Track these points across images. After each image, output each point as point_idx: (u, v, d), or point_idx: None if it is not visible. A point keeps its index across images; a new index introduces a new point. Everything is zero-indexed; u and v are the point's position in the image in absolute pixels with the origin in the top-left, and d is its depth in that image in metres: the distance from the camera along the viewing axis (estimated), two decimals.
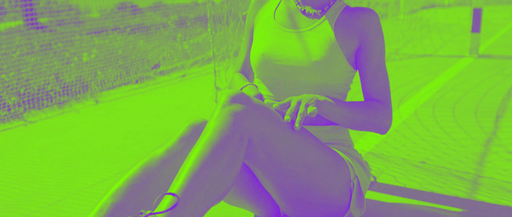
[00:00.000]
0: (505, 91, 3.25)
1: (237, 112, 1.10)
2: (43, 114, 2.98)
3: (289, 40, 1.32)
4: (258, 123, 1.11)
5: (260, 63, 1.34)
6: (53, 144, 2.41)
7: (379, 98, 1.32)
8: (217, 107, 1.12)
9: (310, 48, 1.28)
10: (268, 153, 1.14)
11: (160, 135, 2.50)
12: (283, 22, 1.36)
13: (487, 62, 4.46)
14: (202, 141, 1.07)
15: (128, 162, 2.12)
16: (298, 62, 1.28)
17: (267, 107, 1.15)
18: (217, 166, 1.05)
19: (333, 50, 1.27)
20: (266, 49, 1.33)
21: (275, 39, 1.34)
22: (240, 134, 1.09)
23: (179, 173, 1.05)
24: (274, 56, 1.32)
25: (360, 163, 1.36)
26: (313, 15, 1.33)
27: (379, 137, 2.34)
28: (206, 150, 1.05)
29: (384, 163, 1.99)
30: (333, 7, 1.33)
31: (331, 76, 1.28)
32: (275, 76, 1.33)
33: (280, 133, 1.14)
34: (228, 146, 1.06)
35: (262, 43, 1.35)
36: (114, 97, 3.38)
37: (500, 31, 7.03)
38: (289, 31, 1.33)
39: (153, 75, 4.05)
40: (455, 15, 9.40)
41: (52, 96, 3.24)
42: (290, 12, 1.37)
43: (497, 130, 2.43)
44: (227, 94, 1.13)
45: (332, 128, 1.35)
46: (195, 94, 3.41)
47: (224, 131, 1.07)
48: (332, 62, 1.27)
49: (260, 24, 1.41)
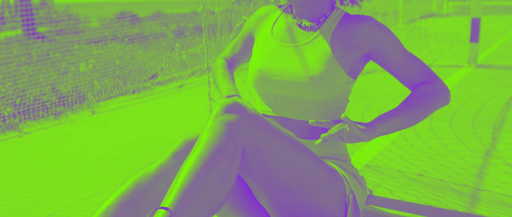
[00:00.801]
0: (503, 102, 3.24)
1: (230, 122, 1.08)
2: (38, 125, 2.96)
3: (286, 55, 1.30)
4: (253, 133, 1.10)
5: (257, 78, 1.33)
6: (48, 155, 2.39)
7: (422, 81, 1.29)
8: (211, 117, 1.10)
9: (306, 62, 1.27)
10: (262, 165, 1.12)
11: (156, 146, 2.48)
12: (280, 36, 1.35)
13: (486, 72, 4.45)
14: (195, 153, 1.05)
15: (123, 174, 2.10)
16: (295, 77, 1.27)
17: (262, 117, 1.13)
18: (211, 178, 1.03)
19: (330, 64, 1.26)
20: (263, 65, 1.32)
21: (272, 54, 1.33)
22: (234, 144, 1.07)
23: (172, 186, 1.03)
24: (270, 71, 1.31)
25: (356, 178, 1.34)
26: (309, 28, 1.32)
27: (375, 149, 2.32)
28: (199, 161, 1.04)
29: (380, 176, 1.97)
30: (330, 18, 1.32)
31: (330, 90, 1.26)
32: (272, 91, 1.31)
33: (275, 144, 1.12)
34: (221, 157, 1.05)
35: (259, 58, 1.34)
36: (110, 108, 3.36)
37: (499, 40, 7.04)
38: (285, 46, 1.32)
39: (151, 85, 4.04)
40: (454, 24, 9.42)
41: (48, 107, 3.22)
42: (288, 26, 1.36)
43: (495, 141, 2.41)
44: (220, 104, 1.11)
45: (328, 142, 1.33)
46: (192, 105, 3.40)
47: (217, 141, 1.06)
48: (330, 76, 1.25)
49: (259, 39, 1.40)
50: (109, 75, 3.98)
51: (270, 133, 1.12)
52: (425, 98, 1.25)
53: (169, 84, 4.13)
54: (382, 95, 3.54)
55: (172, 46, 5.74)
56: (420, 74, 1.29)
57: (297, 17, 1.35)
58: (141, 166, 2.20)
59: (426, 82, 1.29)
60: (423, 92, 1.26)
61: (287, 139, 1.15)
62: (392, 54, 1.28)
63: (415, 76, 1.29)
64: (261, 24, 1.45)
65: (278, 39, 1.35)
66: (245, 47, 1.54)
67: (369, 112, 3.05)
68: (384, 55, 1.28)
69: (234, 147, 1.07)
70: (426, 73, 1.29)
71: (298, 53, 1.29)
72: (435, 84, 1.28)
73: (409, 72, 1.29)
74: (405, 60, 1.29)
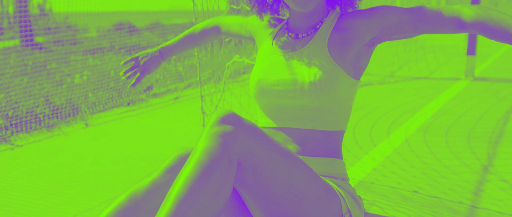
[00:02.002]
0: (499, 116, 3.22)
1: (226, 133, 1.05)
2: (31, 137, 2.93)
3: (284, 64, 1.29)
4: (248, 145, 1.07)
5: (258, 90, 1.31)
6: (40, 169, 2.36)
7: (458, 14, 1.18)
8: (206, 128, 1.08)
9: (305, 68, 1.24)
10: (258, 178, 1.10)
11: (149, 161, 2.46)
12: (279, 47, 1.34)
13: (483, 85, 4.44)
14: (189, 165, 1.03)
15: (115, 189, 2.07)
16: (295, 85, 1.24)
17: (258, 129, 1.11)
18: (205, 191, 1.01)
19: (329, 66, 1.23)
20: (262, 76, 1.31)
21: (271, 65, 1.31)
22: (229, 156, 1.04)
23: (165, 199, 1.01)
24: (270, 81, 1.29)
25: (353, 197, 1.31)
26: (307, 35, 1.31)
27: (369, 164, 2.30)
28: (194, 174, 1.01)
29: (373, 195, 1.94)
30: (326, 22, 1.30)
31: (332, 94, 1.23)
32: (274, 102, 1.29)
33: (272, 157, 1.10)
34: (216, 169, 1.02)
35: (259, 71, 1.33)
36: (104, 120, 3.34)
37: (496, 53, 7.04)
38: (283, 55, 1.31)
39: (146, 97, 4.02)
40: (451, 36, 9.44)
41: (41, 119, 3.20)
42: (286, 37, 1.35)
43: (491, 157, 2.39)
44: (216, 114, 1.09)
45: (327, 161, 1.30)
46: (187, 117, 3.37)
47: (212, 153, 1.03)
48: (330, 78, 1.22)
49: (260, 52, 1.39)
50: (103, 87, 3.96)
51: (266, 145, 1.10)
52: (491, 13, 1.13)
53: (164, 97, 4.11)
54: (375, 108, 3.52)
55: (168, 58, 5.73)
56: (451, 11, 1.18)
57: (292, 31, 1.34)
58: (133, 181, 2.17)
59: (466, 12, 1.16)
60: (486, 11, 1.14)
61: (284, 153, 1.13)
62: (398, 13, 1.22)
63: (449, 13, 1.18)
64: (264, 34, 1.44)
65: (277, 50, 1.34)
66: (238, 29, 1.58)
67: (361, 125, 3.03)
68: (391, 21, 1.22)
69: (229, 159, 1.05)
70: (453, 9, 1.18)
71: (296, 60, 1.27)
72: (472, 7, 1.16)
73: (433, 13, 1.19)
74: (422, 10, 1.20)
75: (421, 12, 1.21)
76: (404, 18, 1.23)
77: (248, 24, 1.53)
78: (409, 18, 1.22)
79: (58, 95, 3.64)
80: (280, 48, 1.33)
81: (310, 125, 1.27)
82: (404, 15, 1.23)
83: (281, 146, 1.14)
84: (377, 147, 2.57)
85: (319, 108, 1.25)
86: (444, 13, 1.20)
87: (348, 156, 2.42)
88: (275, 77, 1.28)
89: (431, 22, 1.21)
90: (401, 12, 1.23)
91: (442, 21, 1.19)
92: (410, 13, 1.22)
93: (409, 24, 1.22)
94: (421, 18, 1.21)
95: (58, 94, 3.66)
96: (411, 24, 1.22)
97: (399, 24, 1.23)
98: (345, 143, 2.66)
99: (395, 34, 1.25)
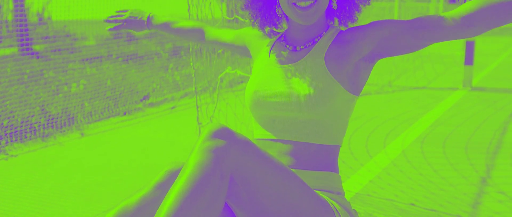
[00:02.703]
0: (496, 126, 3.21)
1: (218, 148, 1.04)
2: (25, 147, 2.91)
3: (281, 76, 1.28)
4: (241, 160, 1.05)
5: (254, 101, 1.30)
6: (34, 179, 2.33)
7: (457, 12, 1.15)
8: (197, 143, 1.06)
9: (302, 81, 1.23)
10: (251, 193, 1.08)
11: (145, 171, 2.44)
12: (276, 58, 1.33)
13: (480, 95, 4.43)
14: (181, 180, 1.01)
15: (110, 201, 2.05)
16: (292, 97, 1.23)
17: (251, 143, 1.09)
18: (197, 207, 0.99)
19: (326, 80, 1.22)
20: (258, 87, 1.29)
21: (267, 76, 1.30)
22: (221, 172, 1.03)
23: (156, 215, 0.99)
24: (266, 93, 1.27)
25: (348, 211, 1.29)
26: (305, 48, 1.29)
27: (365, 176, 2.28)
28: (185, 189, 1.00)
29: (370, 208, 1.93)
30: (325, 36, 1.29)
31: (328, 107, 1.21)
32: (270, 114, 1.28)
33: (264, 171, 1.08)
34: (208, 184, 1.01)
35: (255, 82, 1.31)
36: (100, 129, 3.32)
37: (494, 62, 7.05)
38: (280, 67, 1.29)
39: (142, 107, 4.00)
40: (448, 46, 9.47)
41: (36, 129, 3.17)
42: (283, 50, 1.33)
43: (488, 168, 2.37)
44: (208, 129, 1.07)
45: (323, 174, 1.28)
46: (183, 127, 3.36)
47: (204, 168, 1.02)
48: (327, 92, 1.21)
49: (256, 63, 1.38)
50: (100, 96, 3.95)
51: (259, 160, 1.08)
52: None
53: (161, 106, 4.10)
54: (372, 118, 3.51)
55: (165, 67, 5.73)
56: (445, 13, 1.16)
57: (290, 43, 1.33)
58: (127, 193, 2.15)
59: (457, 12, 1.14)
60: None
61: (277, 167, 1.11)
62: (397, 24, 1.20)
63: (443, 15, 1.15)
64: (260, 45, 1.43)
65: (274, 62, 1.32)
66: (231, 39, 1.56)
67: (357, 136, 3.01)
68: (390, 32, 1.20)
69: (222, 175, 1.03)
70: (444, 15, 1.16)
71: (293, 72, 1.26)
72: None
73: (433, 18, 1.16)
74: (417, 20, 1.18)
75: (421, 19, 1.19)
76: (404, 27, 1.20)
77: (243, 35, 1.52)
78: (408, 27, 1.20)
79: (54, 104, 3.63)
80: (277, 60, 1.32)
81: (305, 138, 1.26)
82: (403, 25, 1.21)
83: (274, 160, 1.12)
84: (373, 159, 2.56)
85: (315, 121, 1.24)
86: (444, 15, 1.17)
87: (344, 168, 2.41)
88: (272, 89, 1.27)
89: (432, 27, 1.16)
90: (400, 22, 1.22)
91: (443, 23, 1.15)
92: (409, 22, 1.20)
93: (409, 33, 1.19)
94: (421, 25, 1.18)
95: (54, 104, 3.64)
96: (411, 33, 1.19)
97: (399, 35, 1.21)
98: (341, 155, 2.65)
99: (395, 47, 1.22)
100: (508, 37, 12.65)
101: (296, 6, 1.21)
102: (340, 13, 1.31)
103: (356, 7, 1.30)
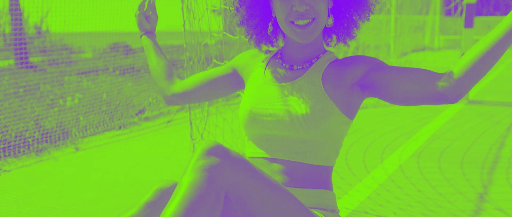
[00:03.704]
0: (493, 140, 3.20)
1: (212, 166, 1.03)
2: (19, 162, 2.88)
3: (277, 95, 1.26)
4: (235, 178, 1.04)
5: (248, 119, 1.28)
6: (26, 195, 2.30)
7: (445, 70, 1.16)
8: (191, 161, 1.05)
9: (298, 100, 1.22)
10: (245, 211, 1.07)
11: (139, 187, 2.41)
12: (272, 76, 1.31)
13: (477, 108, 4.43)
14: (175, 200, 1.00)
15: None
16: (287, 116, 1.22)
17: (245, 160, 1.08)
18: None
19: (322, 100, 1.21)
20: (253, 105, 1.28)
21: (263, 94, 1.29)
22: (216, 191, 1.02)
23: None
24: (262, 111, 1.26)
25: None
26: (301, 68, 1.29)
27: (363, 192, 2.26)
28: (180, 210, 0.98)
29: None
30: (321, 59, 1.28)
31: (323, 128, 1.21)
32: (264, 132, 1.27)
33: (259, 189, 1.07)
34: (203, 204, 1.00)
35: (250, 99, 1.30)
36: (95, 144, 3.29)
37: (490, 75, 7.07)
38: (276, 86, 1.28)
39: (138, 121, 3.98)
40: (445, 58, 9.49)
41: (30, 143, 3.15)
42: (279, 68, 1.32)
43: (485, 184, 2.36)
44: (201, 146, 1.06)
45: (317, 192, 1.27)
46: (179, 142, 3.33)
47: (198, 188, 1.00)
48: (323, 112, 1.20)
49: (251, 80, 1.36)
50: (95, 110, 3.93)
51: (253, 177, 1.07)
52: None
53: (156, 120, 4.08)
54: (369, 132, 3.50)
55: None
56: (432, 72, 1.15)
57: (287, 61, 1.32)
58: (122, 209, 2.12)
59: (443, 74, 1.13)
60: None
61: (272, 185, 1.10)
62: (387, 71, 1.19)
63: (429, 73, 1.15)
64: (252, 63, 1.40)
65: (270, 80, 1.31)
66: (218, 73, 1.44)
67: (354, 150, 2.99)
68: (379, 75, 1.19)
69: (216, 193, 1.02)
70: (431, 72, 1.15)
71: (289, 91, 1.25)
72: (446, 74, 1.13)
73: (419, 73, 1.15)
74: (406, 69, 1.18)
75: (410, 68, 1.19)
76: (393, 70, 1.20)
77: (232, 64, 1.45)
78: (397, 70, 1.19)
79: (49, 118, 3.60)
80: (273, 78, 1.31)
81: (299, 157, 1.24)
82: (394, 68, 1.20)
83: (269, 178, 1.11)
84: (371, 174, 2.54)
85: (309, 141, 1.23)
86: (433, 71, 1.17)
87: (342, 183, 2.39)
88: (268, 107, 1.26)
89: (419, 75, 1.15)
90: (391, 66, 1.21)
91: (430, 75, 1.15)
92: (399, 68, 1.20)
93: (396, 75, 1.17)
94: (409, 71, 1.17)
95: (49, 118, 3.61)
96: (398, 75, 1.17)
97: (387, 73, 1.19)
98: (338, 169, 2.63)
99: (382, 85, 1.20)
100: None
101: (294, 24, 1.20)
102: (338, 30, 1.31)
103: (354, 23, 1.29)
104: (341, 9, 1.29)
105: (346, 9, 1.28)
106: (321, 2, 1.20)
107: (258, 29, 1.35)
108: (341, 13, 1.29)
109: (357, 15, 1.27)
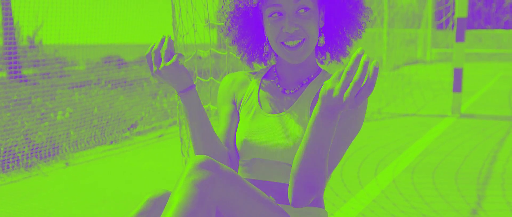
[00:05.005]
0: (485, 154, 3.20)
1: (203, 181, 1.02)
2: (7, 178, 2.83)
3: (270, 124, 1.26)
4: (226, 192, 1.04)
5: (243, 148, 1.29)
6: (15, 212, 2.26)
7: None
8: (182, 176, 1.04)
9: (289, 130, 1.23)
10: None
11: (130, 202, 2.37)
12: (266, 104, 1.30)
13: (469, 122, 4.44)
14: (167, 214, 0.99)
15: None
16: (280, 145, 1.23)
17: (236, 175, 1.08)
18: None
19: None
20: (248, 136, 1.28)
21: (257, 125, 1.29)
22: (208, 206, 1.01)
23: None
24: (256, 143, 1.26)
25: None
26: (294, 92, 1.28)
27: (356, 209, 2.23)
28: None
29: None
30: (314, 81, 1.27)
31: None
32: (257, 157, 1.27)
33: (250, 204, 1.07)
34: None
35: (245, 130, 1.30)
36: (86, 159, 3.25)
37: (482, 88, 7.12)
38: (269, 116, 1.28)
39: (129, 135, 3.95)
40: (437, 72, 9.55)
41: (19, 159, 3.10)
42: (271, 93, 1.31)
43: (479, 199, 2.35)
44: (193, 161, 1.06)
45: (308, 209, 1.26)
46: (171, 156, 3.30)
47: (190, 203, 1.00)
48: None
49: (244, 108, 1.34)
50: (86, 125, 3.89)
51: (244, 192, 1.07)
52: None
53: (148, 134, 4.04)
54: (363, 146, 3.48)
55: (154, 93, 5.69)
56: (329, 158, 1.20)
57: (280, 82, 1.30)
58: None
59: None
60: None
61: (263, 200, 1.09)
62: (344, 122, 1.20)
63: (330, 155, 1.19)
64: (243, 89, 1.37)
65: (263, 107, 1.30)
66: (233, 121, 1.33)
67: (349, 164, 2.98)
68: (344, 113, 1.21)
69: (208, 209, 1.01)
70: (330, 162, 1.20)
71: (282, 121, 1.26)
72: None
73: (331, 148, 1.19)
74: (340, 138, 1.19)
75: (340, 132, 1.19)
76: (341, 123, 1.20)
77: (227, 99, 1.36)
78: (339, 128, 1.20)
79: (39, 133, 3.56)
80: (267, 106, 1.30)
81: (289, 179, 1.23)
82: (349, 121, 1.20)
83: (260, 193, 1.11)
84: (364, 189, 2.52)
85: None
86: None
87: (337, 200, 2.36)
88: (261, 139, 1.26)
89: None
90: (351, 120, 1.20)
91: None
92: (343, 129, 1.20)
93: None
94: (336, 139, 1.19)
95: (39, 132, 3.57)
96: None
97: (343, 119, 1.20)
98: (333, 185, 2.61)
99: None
100: (496, 63, 12.83)
101: (284, 45, 1.20)
102: (331, 49, 1.30)
103: (347, 41, 1.29)
104: (333, 28, 1.28)
105: (338, 27, 1.28)
106: (311, 22, 1.19)
107: (250, 48, 1.34)
108: (333, 32, 1.28)
109: (349, 33, 1.27)
